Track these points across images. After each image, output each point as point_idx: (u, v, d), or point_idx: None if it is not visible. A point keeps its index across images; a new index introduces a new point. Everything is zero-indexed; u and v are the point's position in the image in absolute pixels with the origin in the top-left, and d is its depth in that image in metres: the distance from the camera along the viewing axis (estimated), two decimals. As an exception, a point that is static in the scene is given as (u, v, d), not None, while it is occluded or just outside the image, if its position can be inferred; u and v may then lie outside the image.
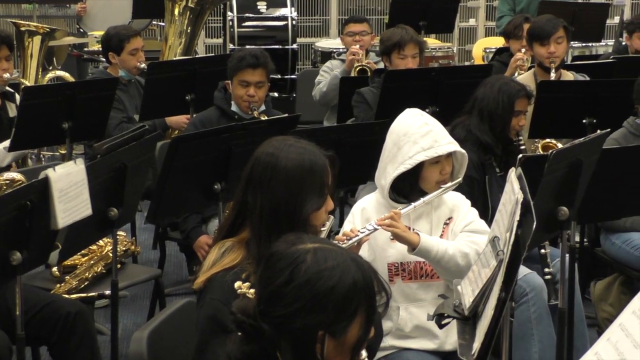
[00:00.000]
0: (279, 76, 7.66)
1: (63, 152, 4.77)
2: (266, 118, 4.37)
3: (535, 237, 2.60)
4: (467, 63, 8.72)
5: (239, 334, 1.92)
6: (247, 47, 7.01)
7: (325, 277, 1.81)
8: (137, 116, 5.13)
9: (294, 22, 8.10)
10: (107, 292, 3.63)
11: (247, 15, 8.13)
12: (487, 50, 7.42)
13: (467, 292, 2.55)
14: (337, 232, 3.13)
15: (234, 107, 4.57)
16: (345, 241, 2.83)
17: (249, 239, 2.50)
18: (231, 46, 7.91)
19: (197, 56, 6.86)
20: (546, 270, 3.81)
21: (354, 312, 1.84)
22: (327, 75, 6.00)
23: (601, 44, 7.50)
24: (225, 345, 1.99)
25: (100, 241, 3.90)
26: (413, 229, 3.10)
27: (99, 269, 3.96)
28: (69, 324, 3.44)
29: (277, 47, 7.89)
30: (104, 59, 5.64)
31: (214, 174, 3.73)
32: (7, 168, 4.17)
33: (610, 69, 5.51)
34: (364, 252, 2.98)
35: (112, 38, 5.51)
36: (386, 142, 3.20)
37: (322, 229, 2.54)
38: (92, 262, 3.98)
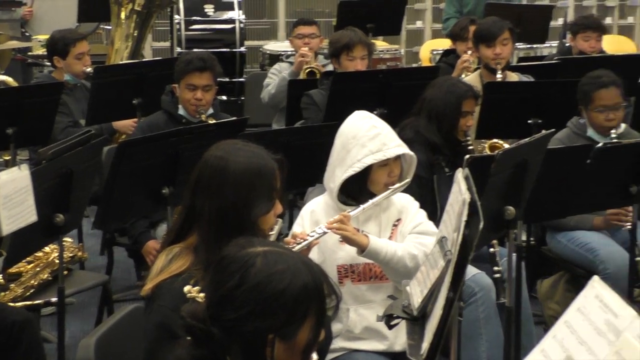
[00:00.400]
0: (227, 79, 7.65)
1: (7, 158, 4.73)
2: (214, 121, 4.34)
3: (483, 236, 2.62)
4: (414, 65, 8.76)
5: (189, 338, 1.91)
6: (195, 50, 6.97)
7: (275, 281, 1.81)
8: (84, 121, 5.08)
9: (241, 25, 8.09)
10: (54, 299, 3.59)
11: (194, 18, 8.09)
12: (434, 52, 7.47)
13: (416, 293, 2.57)
14: (286, 235, 3.13)
15: (181, 111, 4.54)
16: (295, 244, 2.85)
17: (197, 244, 2.49)
18: (179, 49, 7.87)
19: (144, 60, 6.80)
20: (495, 269, 3.84)
21: (304, 315, 1.85)
22: (276, 77, 6.00)
23: (545, 45, 7.59)
24: (174, 349, 1.99)
25: (47, 248, 3.85)
26: (362, 231, 3.11)
27: (45, 276, 3.91)
28: (15, 332, 3.38)
29: (225, 50, 7.87)
30: (49, 63, 5.58)
31: (162, 178, 3.70)
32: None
33: (554, 70, 5.59)
34: (313, 255, 2.99)
35: (57, 42, 5.44)
36: (335, 145, 3.21)
37: (270, 232, 2.54)
38: (38, 269, 3.93)
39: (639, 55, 6.24)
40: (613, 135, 4.32)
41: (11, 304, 3.72)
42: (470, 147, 4.12)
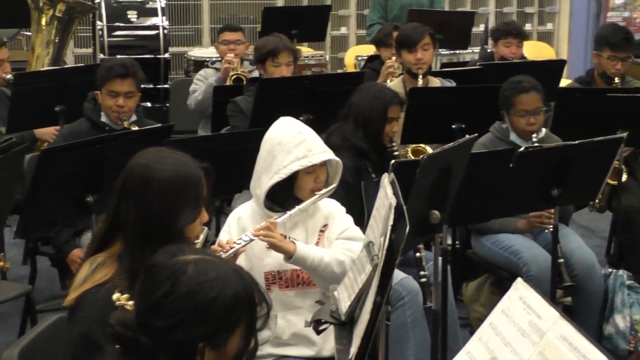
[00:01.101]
0: (152, 86, 7.57)
1: None
2: (137, 128, 4.32)
3: (409, 240, 2.64)
4: (339, 71, 8.79)
5: (117, 347, 1.90)
6: (118, 56, 6.96)
7: (206, 289, 1.81)
8: (4, 128, 5.00)
9: (165, 31, 8.04)
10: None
11: (117, 24, 8.02)
12: (359, 58, 7.52)
13: (344, 298, 2.58)
14: (213, 242, 3.13)
15: (103, 118, 4.50)
16: (222, 252, 2.85)
17: (122, 253, 2.48)
18: (101, 56, 7.78)
19: (66, 66, 6.73)
20: (421, 273, 3.87)
21: (235, 324, 1.85)
22: (202, 83, 5.99)
23: (468, 51, 7.68)
24: (98, 359, 1.98)
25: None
26: (289, 238, 3.12)
27: (-31, 286, 3.87)
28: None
29: (148, 56, 7.80)
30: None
31: (85, 186, 3.67)
32: None
33: (477, 75, 5.65)
34: (240, 262, 2.99)
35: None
36: (260, 151, 3.21)
37: (196, 240, 2.54)
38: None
39: (558, 60, 6.32)
40: (534, 140, 4.39)
41: None
42: (396, 153, 4.16)
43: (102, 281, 2.44)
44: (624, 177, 5.17)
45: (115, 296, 2.08)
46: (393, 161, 3.39)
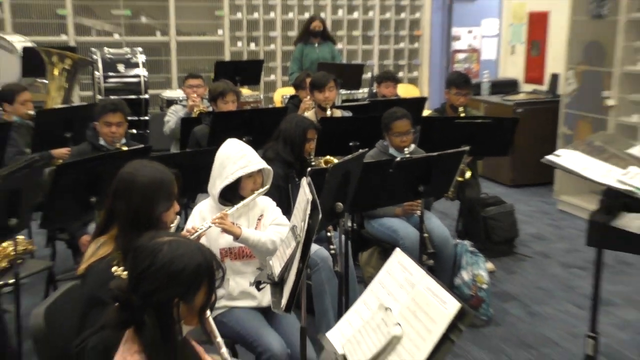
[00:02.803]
0: (136, 117, 7.54)
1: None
2: (126, 149, 4.28)
3: (321, 224, 2.66)
4: (270, 105, 8.76)
5: (116, 304, 1.90)
6: (110, 97, 6.88)
7: (177, 261, 1.84)
8: (29, 150, 4.90)
9: (145, 79, 7.97)
10: (11, 280, 3.45)
11: (109, 74, 7.92)
12: (284, 97, 7.50)
13: (276, 265, 2.59)
14: (182, 229, 3.11)
15: (101, 142, 4.43)
16: (189, 234, 2.84)
17: (117, 235, 2.49)
18: (99, 96, 7.69)
19: (73, 104, 6.60)
20: (331, 246, 3.89)
21: (199, 285, 1.87)
22: (174, 116, 5.94)
23: (359, 91, 7.73)
24: (102, 314, 1.98)
25: (4, 243, 3.69)
26: (236, 224, 3.13)
27: (4, 264, 3.76)
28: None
29: (133, 96, 7.73)
30: (0, 108, 5.39)
31: (89, 190, 3.62)
32: None
33: (366, 108, 5.69)
34: (202, 241, 2.97)
35: (5, 92, 5.28)
36: (215, 163, 3.22)
37: (171, 225, 2.54)
38: (-3, 259, 3.81)
39: (421, 98, 6.41)
40: (406, 152, 4.45)
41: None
42: (313, 163, 4.19)
43: (103, 255, 2.45)
44: (467, 176, 5.28)
45: (114, 269, 2.10)
46: (310, 169, 3.41)
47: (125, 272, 1.92)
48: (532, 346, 4.12)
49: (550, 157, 2.54)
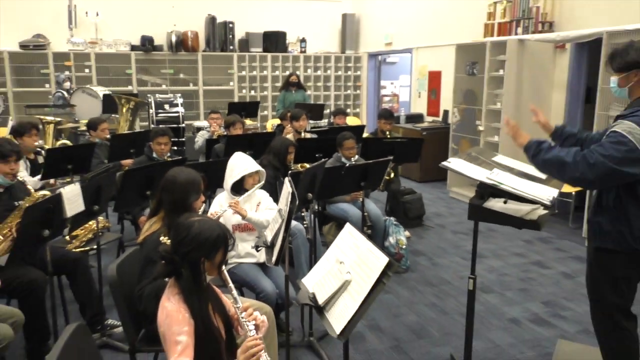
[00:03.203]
0: (176, 139, 7.43)
1: (68, 180, 4.40)
2: (171, 159, 4.20)
3: (298, 208, 2.64)
4: (264, 131, 8.71)
5: (163, 262, 1.86)
6: (160, 126, 6.78)
7: (204, 233, 1.82)
8: (107, 160, 4.80)
9: (182, 114, 7.87)
10: (94, 246, 3.37)
11: (159, 111, 7.80)
12: (273, 125, 7.44)
13: (269, 235, 2.56)
14: (207, 211, 3.06)
15: (154, 155, 4.37)
16: (213, 216, 2.81)
17: (164, 217, 2.45)
18: (152, 126, 7.58)
19: (135, 131, 6.49)
20: (305, 222, 3.87)
21: (218, 249, 1.84)
22: (201, 138, 5.84)
23: (322, 121, 7.71)
24: (154, 268, 1.95)
25: (90, 222, 3.61)
26: (243, 208, 3.08)
27: (90, 236, 3.69)
28: (76, 263, 3.20)
29: (175, 125, 7.62)
30: (87, 134, 5.27)
31: (146, 186, 3.54)
32: (40, 189, 3.80)
33: (326, 132, 5.66)
34: (221, 220, 2.93)
35: (91, 123, 5.16)
36: (227, 168, 3.18)
37: (199, 210, 2.50)
38: (85, 232, 3.71)
39: (362, 125, 6.39)
40: (353, 161, 4.44)
41: (74, 250, 3.50)
42: (293, 168, 4.15)
43: (155, 230, 2.41)
44: (392, 176, 5.29)
45: (162, 238, 2.04)
46: (290, 172, 3.38)
47: (169, 241, 1.88)
48: (435, 285, 4.15)
49: (444, 163, 2.55)
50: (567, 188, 5.22)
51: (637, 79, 2.19)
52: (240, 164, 3.11)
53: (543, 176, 2.46)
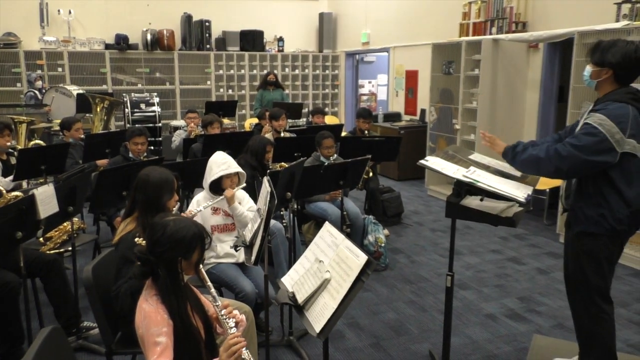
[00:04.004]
0: (153, 138, 7.34)
1: (42, 180, 4.31)
2: (148, 159, 4.14)
3: (277, 207, 2.63)
4: (242, 130, 8.67)
5: (138, 263, 1.84)
6: (136, 125, 6.70)
7: (179, 232, 1.80)
8: (81, 161, 4.71)
9: (159, 113, 7.77)
10: (69, 248, 3.31)
11: (135, 110, 7.70)
12: (252, 124, 7.39)
13: (247, 234, 2.54)
14: (182, 211, 3.03)
15: (130, 155, 4.31)
16: (190, 215, 2.78)
17: (138, 216, 2.44)
18: (128, 125, 7.47)
19: (110, 130, 6.39)
20: (284, 221, 3.86)
21: (195, 247, 1.83)
22: (178, 137, 5.78)
23: (300, 120, 7.67)
24: (131, 269, 1.93)
25: (65, 223, 3.54)
26: (223, 209, 3.07)
27: (65, 237, 3.63)
28: (50, 265, 3.13)
29: (151, 125, 7.53)
30: (61, 134, 5.16)
31: (122, 186, 3.50)
32: (12, 190, 3.72)
33: (305, 131, 5.64)
34: (199, 220, 2.91)
35: (65, 123, 5.05)
36: (207, 167, 3.14)
37: (173, 209, 2.49)
38: (60, 234, 3.64)
39: (340, 124, 6.39)
40: (331, 159, 4.45)
41: (47, 252, 3.42)
42: (271, 167, 4.13)
43: (129, 230, 2.40)
44: (370, 175, 5.31)
45: (137, 240, 2.01)
46: (269, 171, 3.37)
47: (144, 241, 1.86)
48: (413, 282, 4.18)
49: (422, 161, 2.57)
50: (542, 185, 5.33)
51: (607, 76, 2.33)
52: (219, 163, 3.08)
53: (518, 174, 2.51)
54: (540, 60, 6.12)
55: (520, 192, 2.31)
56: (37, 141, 5.48)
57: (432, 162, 2.54)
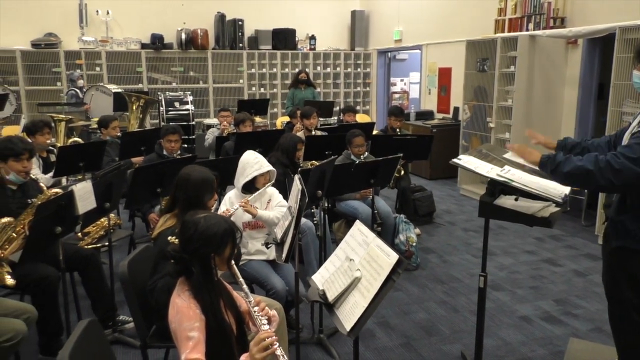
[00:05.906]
0: (186, 136, 7.47)
1: (80, 177, 4.44)
2: (182, 157, 4.21)
3: (307, 205, 2.64)
4: (274, 128, 8.74)
5: (172, 261, 1.88)
6: (170, 123, 6.81)
7: (210, 229, 1.83)
8: (117, 158, 4.83)
9: (192, 111, 7.89)
10: (106, 243, 3.40)
11: (169, 108, 7.85)
12: (283, 123, 7.45)
13: (279, 232, 2.56)
14: (217, 209, 3.07)
15: (165, 152, 4.39)
16: (225, 214, 2.82)
17: (177, 213, 2.48)
18: (163, 123, 7.61)
19: (146, 128, 6.54)
20: (314, 219, 3.88)
21: (226, 243, 1.85)
22: (211, 135, 5.86)
23: (332, 119, 7.70)
24: (166, 266, 1.96)
25: (102, 219, 3.64)
26: (254, 206, 3.09)
27: (102, 233, 3.73)
28: (88, 260, 3.23)
29: (185, 123, 7.66)
30: (99, 132, 5.31)
31: (157, 183, 3.56)
32: (52, 187, 3.84)
33: (336, 129, 5.65)
34: (233, 218, 2.95)
35: (102, 121, 5.20)
36: (239, 166, 3.17)
37: (212, 208, 2.52)
38: (97, 229, 3.73)
39: (371, 122, 6.38)
40: (362, 158, 4.43)
41: (85, 247, 3.52)
42: (302, 165, 4.15)
43: (169, 226, 2.43)
44: (402, 173, 5.27)
45: (170, 238, 2.06)
46: (300, 169, 3.38)
47: (177, 240, 1.90)
48: (445, 282, 4.14)
49: (454, 160, 2.54)
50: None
51: None
52: (253, 164, 3.11)
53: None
54: (579, 56, 5.94)
55: (556, 191, 2.25)
56: (76, 139, 5.66)
57: (465, 160, 2.50)
